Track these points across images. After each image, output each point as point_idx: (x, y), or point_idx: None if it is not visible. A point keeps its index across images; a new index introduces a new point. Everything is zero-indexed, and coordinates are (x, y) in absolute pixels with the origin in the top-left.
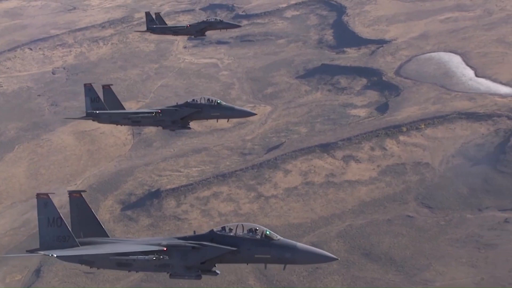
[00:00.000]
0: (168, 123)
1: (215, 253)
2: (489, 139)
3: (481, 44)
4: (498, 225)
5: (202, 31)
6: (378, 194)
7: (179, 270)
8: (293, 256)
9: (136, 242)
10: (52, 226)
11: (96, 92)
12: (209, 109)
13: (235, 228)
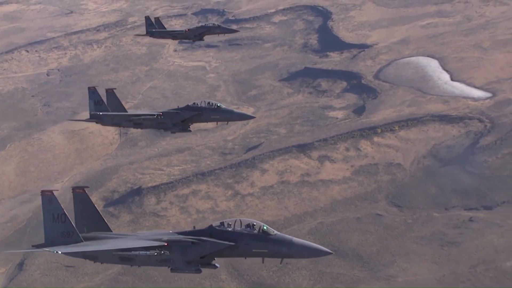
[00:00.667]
0: (169, 126)
1: (214, 248)
2: (460, 140)
3: (458, 49)
4: (462, 223)
5: (200, 35)
6: (350, 193)
7: (179, 264)
8: (289, 251)
9: (138, 237)
10: (56, 222)
11: (99, 95)
12: (209, 112)
13: (233, 223)
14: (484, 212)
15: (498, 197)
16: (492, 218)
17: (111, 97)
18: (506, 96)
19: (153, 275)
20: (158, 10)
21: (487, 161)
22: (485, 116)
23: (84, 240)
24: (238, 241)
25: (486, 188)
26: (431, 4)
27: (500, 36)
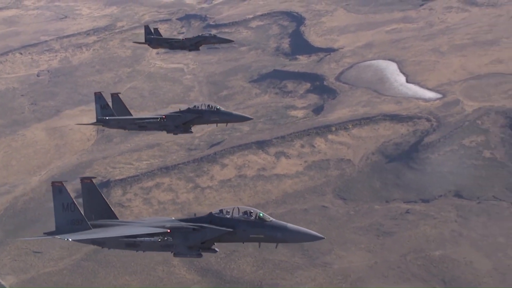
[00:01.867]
0: (172, 128)
1: (213, 234)
2: (407, 138)
3: (417, 53)
4: (399, 215)
5: (196, 45)
6: (301, 187)
7: (181, 249)
8: (284, 236)
9: (142, 224)
10: (66, 211)
11: (105, 100)
12: (209, 114)
13: (232, 211)
14: (421, 205)
15: (436, 191)
16: (428, 211)
17: (116, 100)
18: (455, 97)
19: (112, 260)
20: (146, 15)
21: (429, 158)
22: (432, 115)
23: (92, 228)
24: (236, 227)
25: (426, 182)
26: (398, 10)
27: (458, 41)
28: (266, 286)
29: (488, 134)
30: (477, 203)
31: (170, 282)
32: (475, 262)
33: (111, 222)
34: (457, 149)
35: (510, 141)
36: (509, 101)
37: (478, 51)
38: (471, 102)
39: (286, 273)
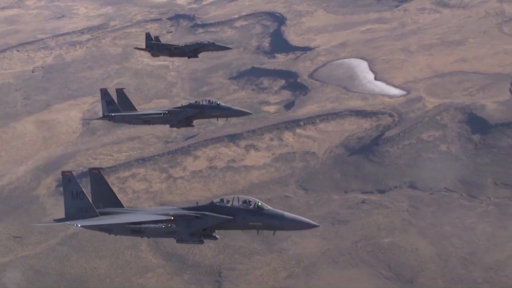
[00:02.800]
0: (175, 122)
1: (214, 221)
2: (369, 133)
3: (387, 52)
4: (355, 205)
5: (195, 51)
6: (267, 178)
7: (184, 236)
8: (281, 223)
9: (147, 212)
10: (75, 199)
11: (110, 96)
12: (210, 109)
13: (232, 200)
14: (377, 195)
15: (392, 182)
16: (382, 201)
17: (121, 96)
18: (418, 94)
19: (85, 245)
20: (138, 15)
21: (388, 151)
22: (395, 111)
23: (100, 215)
24: (236, 215)
25: (383, 174)
26: (374, 11)
27: (427, 41)
28: (224, 270)
29: (446, 129)
30: (429, 194)
31: (137, 265)
32: (420, 249)
33: (118, 210)
34: (415, 143)
35: (466, 135)
36: (469, 98)
37: (445, 50)
38: (433, 99)
39: (244, 258)
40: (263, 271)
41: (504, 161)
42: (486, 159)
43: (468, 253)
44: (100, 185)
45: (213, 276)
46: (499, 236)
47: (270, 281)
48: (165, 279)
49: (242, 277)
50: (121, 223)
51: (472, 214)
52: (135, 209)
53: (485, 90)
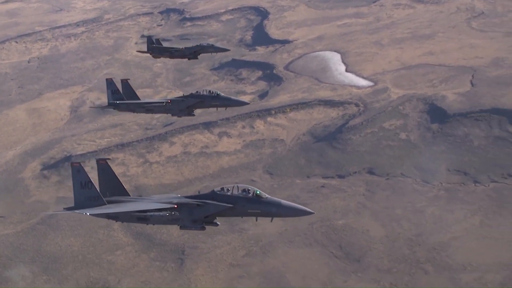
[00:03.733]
0: (176, 111)
1: (215, 209)
2: (335, 121)
3: (360, 45)
4: (315, 189)
5: (195, 53)
6: (236, 163)
7: (187, 223)
8: (278, 211)
9: (152, 200)
10: (84, 188)
11: (116, 85)
12: (210, 99)
13: (232, 188)
14: (336, 180)
15: (351, 168)
16: (341, 185)
17: (125, 86)
18: (384, 85)
19: (62, 224)
20: (131, 9)
21: (351, 139)
22: (361, 101)
23: (107, 204)
24: (235, 203)
25: (345, 160)
26: (352, 7)
27: (398, 35)
28: (187, 248)
29: (407, 118)
30: (385, 179)
31: (108, 243)
32: (371, 230)
33: (124, 199)
34: (377, 131)
35: (425, 125)
36: (431, 89)
37: (415, 44)
38: (398, 90)
39: (207, 237)
40: (223, 249)
41: (458, 149)
42: (442, 147)
43: (414, 235)
44: (107, 174)
45: (177, 254)
46: (445, 219)
47: (229, 259)
48: (133, 257)
49: (203, 255)
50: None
51: (423, 199)
52: (140, 198)
53: (447, 82)
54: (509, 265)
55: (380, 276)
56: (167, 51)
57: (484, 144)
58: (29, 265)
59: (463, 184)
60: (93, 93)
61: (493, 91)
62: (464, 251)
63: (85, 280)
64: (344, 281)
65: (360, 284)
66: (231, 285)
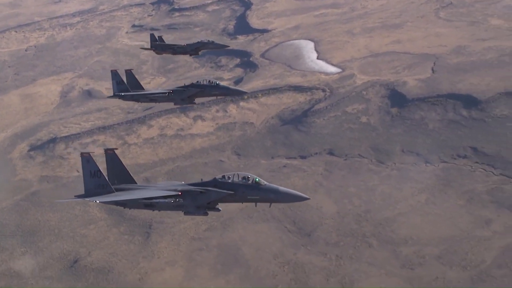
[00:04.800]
0: (178, 101)
1: (217, 196)
2: (302, 106)
3: (333, 34)
4: (278, 168)
5: (196, 50)
6: (207, 144)
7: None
8: (276, 197)
9: (157, 188)
10: (93, 177)
11: (120, 76)
12: (210, 89)
13: (233, 176)
14: (298, 160)
15: (313, 149)
16: (301, 165)
17: (129, 76)
18: (351, 72)
19: (43, 201)
20: (125, 0)
21: (315, 122)
22: (328, 87)
23: (115, 191)
24: (236, 190)
25: (308, 142)
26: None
27: (370, 24)
28: (154, 223)
29: (369, 103)
30: (343, 160)
31: (83, 218)
32: (324, 207)
33: (131, 186)
34: (340, 115)
35: (385, 109)
36: (394, 76)
37: (384, 33)
38: (363, 76)
39: (173, 213)
40: (186, 224)
41: (414, 132)
42: (399, 129)
43: (363, 211)
44: (115, 163)
45: (145, 228)
46: (394, 196)
47: (191, 233)
48: (104, 230)
49: (168, 229)
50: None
51: (376, 178)
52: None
53: (410, 69)
54: (447, 239)
55: (328, 249)
56: (169, 48)
57: (438, 127)
58: (9, 239)
59: (415, 164)
60: (82, 79)
61: (451, 77)
62: (407, 226)
63: (59, 252)
64: (294, 253)
65: (308, 256)
66: (191, 257)
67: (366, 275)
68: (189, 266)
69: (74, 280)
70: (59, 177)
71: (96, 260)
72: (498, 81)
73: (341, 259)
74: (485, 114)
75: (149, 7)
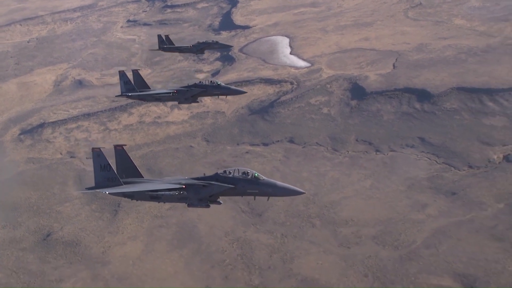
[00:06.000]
0: (182, 100)
1: (219, 189)
2: (270, 97)
3: (308, 31)
4: (241, 154)
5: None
6: (180, 131)
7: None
8: (274, 191)
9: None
10: (103, 171)
11: (127, 77)
12: (211, 88)
13: (233, 171)
14: (261, 147)
15: (275, 137)
16: (262, 152)
17: (136, 75)
18: (319, 66)
19: (27, 181)
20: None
21: (280, 112)
22: (296, 80)
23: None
24: (236, 184)
25: (271, 131)
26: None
27: (342, 22)
28: (122, 202)
29: (331, 95)
30: (302, 147)
31: (60, 197)
32: None
33: (138, 180)
34: (303, 106)
35: (346, 101)
36: (358, 70)
37: (354, 31)
38: (330, 70)
39: None
40: (152, 203)
41: (369, 122)
42: (356, 120)
43: (312, 194)
44: (123, 159)
45: (114, 206)
46: (342, 181)
47: (155, 212)
48: (78, 208)
49: (134, 208)
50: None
51: (329, 164)
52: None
53: (373, 64)
54: (384, 221)
55: (275, 228)
56: (177, 49)
57: (392, 118)
58: None
59: (366, 152)
60: (75, 70)
61: (409, 73)
62: (349, 209)
63: (35, 226)
64: (243, 231)
65: (257, 234)
66: (151, 233)
67: (306, 252)
68: (148, 241)
69: (45, 252)
70: (43, 159)
71: (67, 234)
72: (451, 77)
73: (286, 237)
74: (436, 107)
75: (145, 4)
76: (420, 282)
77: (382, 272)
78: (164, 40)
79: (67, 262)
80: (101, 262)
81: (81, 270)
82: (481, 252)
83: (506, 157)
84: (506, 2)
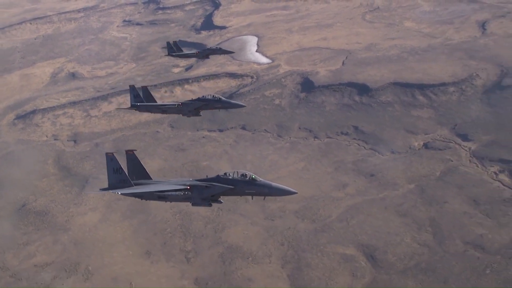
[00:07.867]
0: (186, 112)
1: (220, 190)
2: (232, 89)
3: (275, 32)
4: (197, 139)
5: (206, 56)
6: (151, 118)
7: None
8: (269, 191)
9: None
10: (116, 173)
11: (137, 90)
12: (213, 102)
13: (233, 173)
14: (216, 133)
15: (230, 124)
16: (217, 137)
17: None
18: (278, 63)
19: (14, 158)
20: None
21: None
22: (256, 74)
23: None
24: (236, 185)
25: (228, 118)
26: (283, 1)
27: (307, 24)
28: (90, 179)
29: (284, 88)
30: (251, 134)
31: (40, 173)
32: (223, 169)
33: (147, 182)
34: (258, 97)
35: (296, 93)
36: (311, 67)
37: (316, 32)
38: (287, 66)
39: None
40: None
41: (313, 112)
42: (302, 110)
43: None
44: (134, 162)
45: (83, 182)
46: (279, 164)
47: None
48: (53, 183)
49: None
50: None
51: (271, 148)
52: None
53: (325, 61)
54: (307, 198)
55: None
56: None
57: (333, 109)
58: None
59: (305, 138)
60: (71, 63)
61: (355, 69)
62: None
63: (13, 198)
64: (186, 205)
65: (197, 208)
66: (109, 205)
67: (235, 223)
68: (106, 212)
69: (18, 220)
70: (31, 141)
71: (39, 205)
72: (390, 73)
73: (221, 211)
74: (373, 100)
75: (141, 6)
76: (328, 251)
77: (296, 241)
78: (172, 47)
79: (35, 228)
80: (63, 229)
81: (45, 235)
82: (385, 226)
83: (425, 144)
84: (454, 7)
